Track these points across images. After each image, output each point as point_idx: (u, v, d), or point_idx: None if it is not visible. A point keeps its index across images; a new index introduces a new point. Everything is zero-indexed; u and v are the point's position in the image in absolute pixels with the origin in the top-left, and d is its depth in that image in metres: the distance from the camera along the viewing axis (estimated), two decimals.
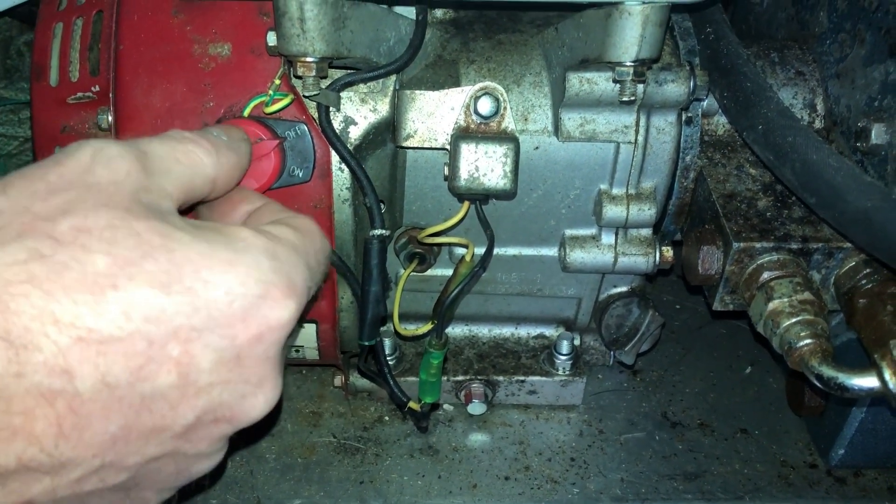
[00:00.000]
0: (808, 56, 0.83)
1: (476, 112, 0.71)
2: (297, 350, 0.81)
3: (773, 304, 0.69)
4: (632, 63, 0.63)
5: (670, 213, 0.84)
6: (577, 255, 0.79)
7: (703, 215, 0.79)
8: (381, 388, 0.87)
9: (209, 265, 0.40)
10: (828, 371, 0.64)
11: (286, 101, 0.67)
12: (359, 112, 0.71)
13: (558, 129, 0.72)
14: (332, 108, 0.68)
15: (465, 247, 0.76)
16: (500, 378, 0.88)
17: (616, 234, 0.79)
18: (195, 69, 0.68)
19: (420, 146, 0.72)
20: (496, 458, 0.85)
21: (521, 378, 0.88)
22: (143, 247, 0.39)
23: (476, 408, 0.87)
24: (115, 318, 0.38)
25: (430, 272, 0.82)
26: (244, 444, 0.86)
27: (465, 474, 0.83)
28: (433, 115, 0.71)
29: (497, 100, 0.71)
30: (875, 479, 0.84)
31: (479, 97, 0.70)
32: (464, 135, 0.70)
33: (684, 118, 0.78)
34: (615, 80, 0.66)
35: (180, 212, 0.46)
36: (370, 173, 0.69)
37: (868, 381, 0.62)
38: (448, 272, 0.79)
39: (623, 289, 0.86)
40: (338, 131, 0.69)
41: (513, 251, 0.81)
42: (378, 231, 0.69)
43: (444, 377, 0.85)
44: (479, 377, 0.87)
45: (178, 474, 0.45)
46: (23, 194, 0.40)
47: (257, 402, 0.44)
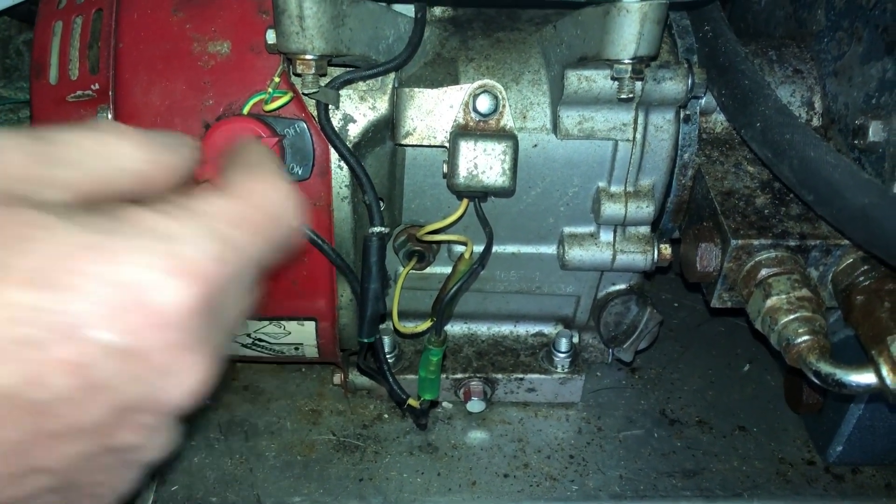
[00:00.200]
0: (806, 54, 0.83)
1: (475, 110, 0.71)
2: (296, 348, 0.81)
3: (771, 301, 0.69)
4: (630, 60, 0.63)
5: (668, 211, 0.84)
6: (576, 253, 0.79)
7: (701, 213, 0.79)
8: (380, 385, 0.87)
9: (93, 256, 0.37)
10: (825, 367, 0.64)
11: (285, 98, 0.68)
12: (358, 110, 0.71)
13: (557, 126, 0.73)
14: (331, 106, 0.69)
15: (464, 244, 0.76)
16: (499, 376, 0.88)
17: (614, 231, 0.79)
18: (195, 67, 0.68)
19: (419, 144, 0.72)
20: (495, 456, 0.85)
21: (520, 376, 0.88)
22: (13, 242, 0.36)
23: (475, 405, 0.87)
24: None
25: (428, 270, 0.82)
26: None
27: (464, 472, 0.83)
28: (432, 112, 0.71)
29: (496, 98, 0.71)
30: (873, 475, 0.85)
31: (478, 95, 0.71)
32: (463, 132, 0.71)
33: (682, 116, 0.78)
34: (613, 78, 0.66)
35: None
36: (369, 171, 0.69)
37: (865, 378, 0.63)
38: (447, 270, 0.79)
39: (621, 286, 0.86)
40: (337, 129, 0.69)
41: (511, 249, 0.81)
42: (377, 228, 0.69)
43: (444, 375, 0.86)
44: (478, 375, 0.88)
45: (121, 467, 0.43)
46: None
47: (176, 392, 0.41)
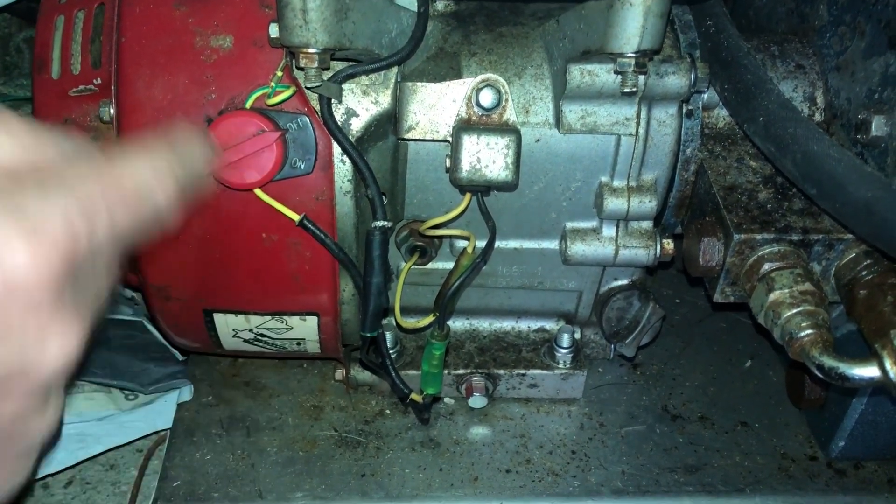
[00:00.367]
0: (808, 49, 0.83)
1: (478, 104, 0.71)
2: (298, 343, 0.81)
3: (773, 296, 0.69)
4: (633, 54, 0.64)
5: (671, 206, 0.84)
6: (578, 248, 0.79)
7: (703, 207, 0.79)
8: (382, 380, 0.87)
9: None
10: (829, 361, 0.64)
11: (288, 92, 0.67)
12: (360, 104, 0.71)
13: (559, 121, 0.72)
14: (333, 100, 0.68)
15: (467, 239, 0.76)
16: (501, 371, 0.88)
17: (617, 226, 0.79)
18: (197, 61, 0.68)
19: (422, 138, 0.72)
20: (497, 451, 0.85)
21: (522, 371, 0.88)
22: None
23: (477, 401, 0.87)
24: None
25: (430, 265, 0.82)
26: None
27: (466, 467, 0.83)
28: (435, 107, 0.71)
29: (499, 92, 0.71)
30: (875, 471, 0.85)
31: (481, 89, 0.70)
32: (466, 126, 0.71)
33: (685, 111, 0.78)
34: (617, 72, 0.66)
35: None
36: (372, 165, 0.69)
37: (869, 371, 0.63)
38: (449, 266, 0.79)
39: (624, 282, 0.86)
40: (340, 123, 0.69)
41: (514, 244, 0.81)
42: (380, 223, 0.69)
43: (445, 371, 0.86)
44: (479, 371, 0.87)
45: (8, 439, 0.44)
46: None
47: (48, 353, 0.42)
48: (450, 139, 0.71)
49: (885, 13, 0.72)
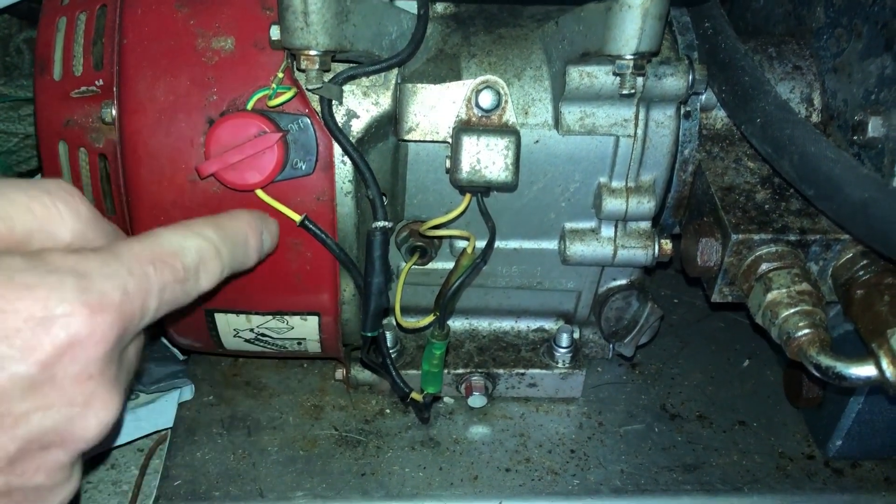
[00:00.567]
0: (806, 51, 0.84)
1: (477, 105, 0.71)
2: (299, 342, 0.81)
3: (771, 295, 0.70)
4: (632, 56, 0.64)
5: (669, 206, 0.84)
6: (577, 248, 0.80)
7: (701, 208, 0.80)
8: (382, 380, 0.88)
9: (4, 293, 0.40)
10: (826, 360, 0.65)
11: (289, 94, 0.68)
12: (361, 105, 0.71)
13: (558, 122, 0.73)
14: (334, 102, 0.69)
15: (467, 239, 0.77)
16: (501, 371, 0.88)
17: (615, 226, 0.79)
18: (199, 63, 0.68)
19: (422, 139, 0.72)
20: (497, 450, 0.86)
21: (521, 371, 0.89)
22: None
23: (476, 400, 0.87)
24: None
25: (431, 265, 0.83)
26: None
27: (465, 466, 0.84)
28: (435, 108, 0.71)
29: (498, 93, 0.71)
30: (872, 469, 0.85)
31: (481, 91, 0.71)
32: (465, 128, 0.71)
33: (683, 112, 0.78)
34: (615, 74, 0.67)
35: None
36: (372, 166, 0.70)
37: (866, 370, 0.63)
38: (449, 266, 0.80)
39: (622, 282, 0.87)
40: (340, 124, 0.69)
41: (513, 244, 0.82)
42: (380, 223, 0.70)
43: (445, 370, 0.86)
44: (479, 370, 0.88)
45: None
46: None
47: (88, 423, 0.43)
48: (450, 140, 0.72)
49: (881, 15, 0.72)
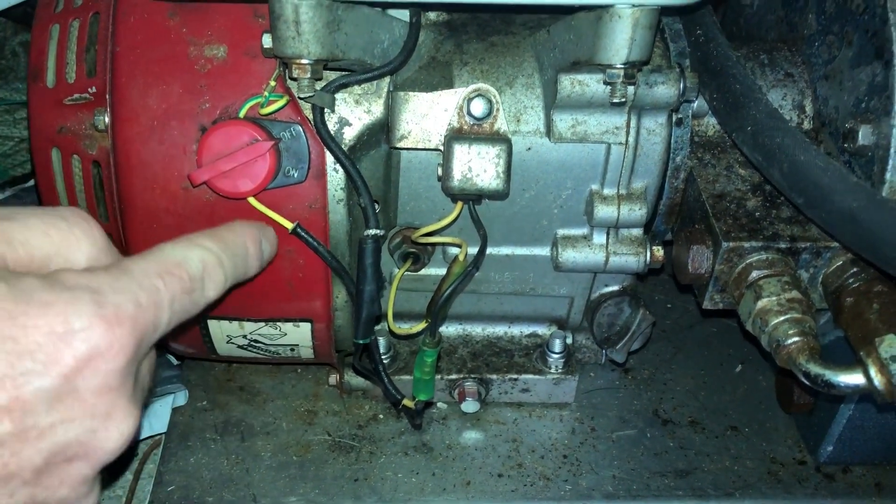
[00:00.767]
0: (797, 58, 0.84)
1: (469, 113, 0.72)
2: (292, 349, 0.81)
3: (761, 303, 0.70)
4: (622, 65, 0.64)
5: (661, 213, 0.85)
6: (569, 255, 0.80)
7: (693, 215, 0.80)
8: (375, 386, 0.88)
9: (25, 310, 0.41)
10: (815, 368, 0.65)
11: (281, 102, 0.68)
12: (353, 113, 0.72)
13: (550, 130, 0.73)
14: (326, 110, 0.69)
15: (459, 246, 0.77)
16: (494, 376, 0.89)
17: (607, 233, 0.80)
18: (191, 71, 0.68)
19: (414, 147, 0.73)
20: (489, 456, 0.86)
21: (514, 376, 0.89)
22: None
23: (469, 406, 0.87)
24: None
25: (423, 272, 0.83)
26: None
27: (458, 472, 0.84)
28: (427, 116, 0.72)
29: (490, 101, 0.71)
30: (863, 475, 0.86)
31: (472, 99, 0.71)
32: (457, 136, 0.71)
33: (674, 119, 0.79)
34: (606, 82, 0.67)
35: None
36: (364, 174, 0.70)
37: (854, 379, 0.63)
38: (441, 272, 0.80)
39: (615, 288, 0.87)
40: (332, 132, 0.70)
41: (505, 251, 0.82)
42: (373, 231, 0.70)
43: (438, 376, 0.86)
44: (472, 375, 0.88)
45: None
46: None
47: (110, 435, 0.44)
48: (441, 148, 0.72)
49: (871, 23, 0.73)
